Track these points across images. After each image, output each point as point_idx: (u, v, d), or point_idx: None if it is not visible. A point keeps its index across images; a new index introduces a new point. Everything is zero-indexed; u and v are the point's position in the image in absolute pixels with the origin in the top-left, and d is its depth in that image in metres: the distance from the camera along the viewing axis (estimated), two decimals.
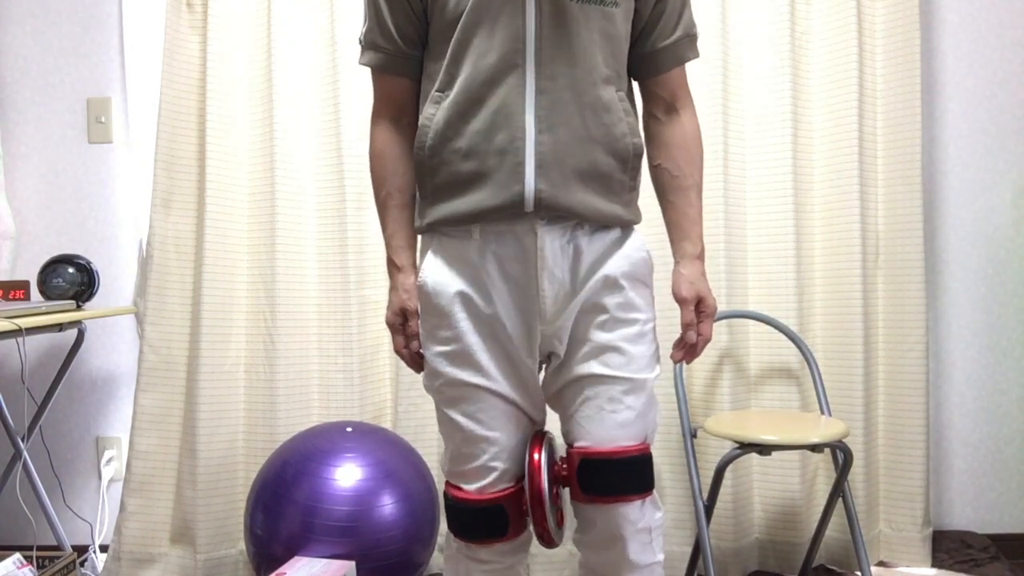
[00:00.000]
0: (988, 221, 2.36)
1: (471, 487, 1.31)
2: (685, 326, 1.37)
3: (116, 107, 2.47)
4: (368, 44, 1.37)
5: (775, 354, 2.23)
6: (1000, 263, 2.35)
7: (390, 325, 1.40)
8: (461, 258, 1.29)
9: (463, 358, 1.29)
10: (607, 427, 1.29)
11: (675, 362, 1.42)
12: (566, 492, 1.35)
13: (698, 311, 1.37)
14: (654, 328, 1.35)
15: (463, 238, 1.29)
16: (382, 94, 1.39)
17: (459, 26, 1.25)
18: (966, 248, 2.36)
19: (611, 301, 1.29)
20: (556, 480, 1.31)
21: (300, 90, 2.30)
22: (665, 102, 1.38)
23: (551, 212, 1.24)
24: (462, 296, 1.28)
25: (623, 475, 1.29)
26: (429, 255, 1.33)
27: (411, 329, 1.39)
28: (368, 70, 1.40)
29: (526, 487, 1.29)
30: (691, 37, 1.38)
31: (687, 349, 1.38)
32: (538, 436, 1.34)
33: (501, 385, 1.29)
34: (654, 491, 1.33)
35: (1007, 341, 2.35)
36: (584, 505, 1.31)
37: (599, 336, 1.29)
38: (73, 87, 2.48)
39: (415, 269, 1.38)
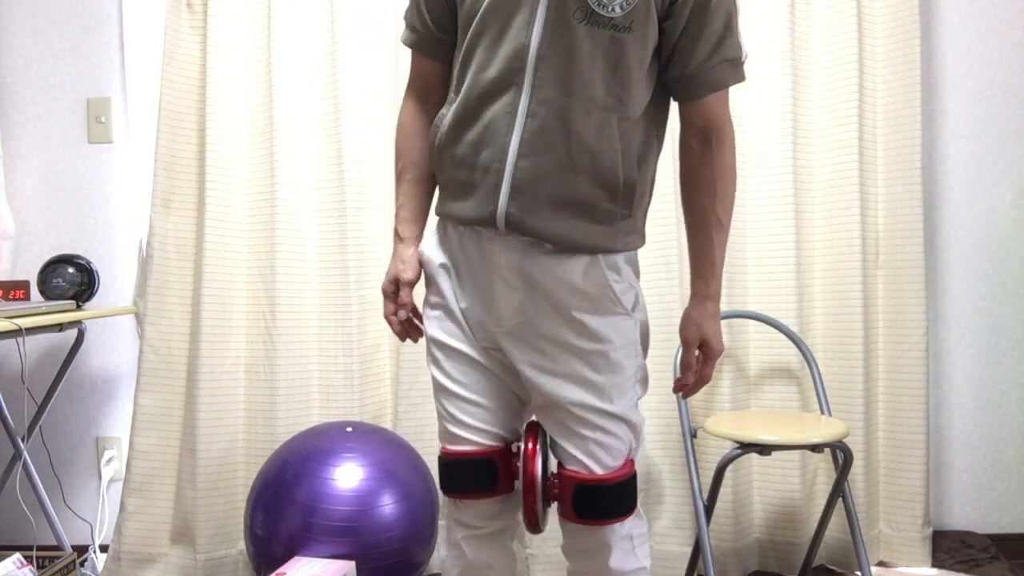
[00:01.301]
0: (988, 221, 2.36)
1: (459, 446, 1.36)
2: (684, 367, 1.38)
3: (116, 107, 2.47)
4: (407, 23, 1.41)
5: (775, 354, 2.23)
6: (1000, 263, 2.35)
7: (383, 291, 1.46)
8: (448, 240, 1.37)
9: (449, 322, 1.35)
10: (597, 457, 1.30)
11: (674, 392, 1.45)
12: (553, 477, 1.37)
13: (702, 352, 1.36)
14: (627, 351, 1.32)
15: (453, 225, 1.36)
16: (415, 72, 1.43)
17: (470, 31, 1.26)
18: (966, 248, 2.36)
19: (571, 329, 1.28)
20: (547, 488, 1.34)
21: (300, 90, 2.30)
22: (699, 130, 1.32)
23: (522, 234, 1.26)
24: (444, 268, 1.37)
25: (614, 500, 1.32)
26: (432, 233, 1.42)
27: (402, 299, 1.43)
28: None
29: (520, 472, 1.32)
30: (731, 62, 1.29)
31: (684, 387, 1.40)
32: (533, 426, 1.36)
33: (479, 353, 1.34)
34: (638, 505, 1.37)
35: (1007, 341, 2.35)
36: (574, 524, 1.33)
37: (567, 363, 1.29)
38: (73, 87, 2.48)
39: (416, 241, 1.44)
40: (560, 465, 1.34)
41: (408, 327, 1.46)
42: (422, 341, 1.46)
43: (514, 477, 1.35)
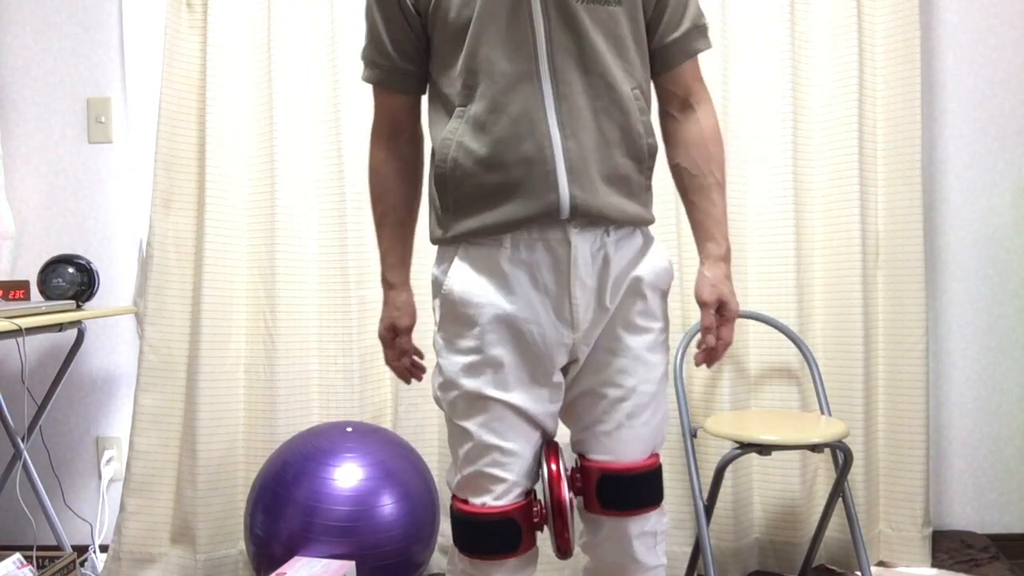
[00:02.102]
0: (988, 221, 2.36)
1: (481, 500, 1.27)
2: (704, 329, 1.34)
3: (116, 107, 2.47)
4: (367, 61, 1.37)
5: (775, 354, 2.23)
6: (1000, 263, 2.35)
7: (381, 339, 1.45)
8: (490, 268, 1.26)
9: (485, 369, 1.26)
10: (626, 442, 1.29)
11: (696, 365, 1.39)
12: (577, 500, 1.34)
13: (719, 314, 1.34)
14: (667, 337, 1.36)
15: (492, 247, 1.26)
16: (380, 110, 1.39)
17: (468, 37, 1.24)
18: (966, 248, 2.36)
19: (635, 308, 1.30)
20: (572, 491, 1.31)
21: (300, 90, 2.30)
22: (679, 98, 1.37)
23: (585, 217, 1.24)
24: (491, 306, 1.26)
25: (641, 490, 1.30)
26: (456, 263, 1.29)
27: (401, 345, 1.44)
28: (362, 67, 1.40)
29: (545, 498, 1.27)
30: (699, 28, 1.35)
31: (707, 353, 1.35)
32: (552, 446, 1.32)
33: (521, 399, 1.27)
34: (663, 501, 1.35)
35: (1007, 341, 2.35)
36: (598, 515, 1.31)
37: (621, 344, 1.29)
38: (73, 87, 2.48)
39: (406, 286, 1.43)
40: (583, 457, 1.33)
41: (412, 369, 1.48)
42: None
43: (536, 529, 1.30)
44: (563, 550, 1.28)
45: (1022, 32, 2.35)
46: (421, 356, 1.49)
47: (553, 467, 1.27)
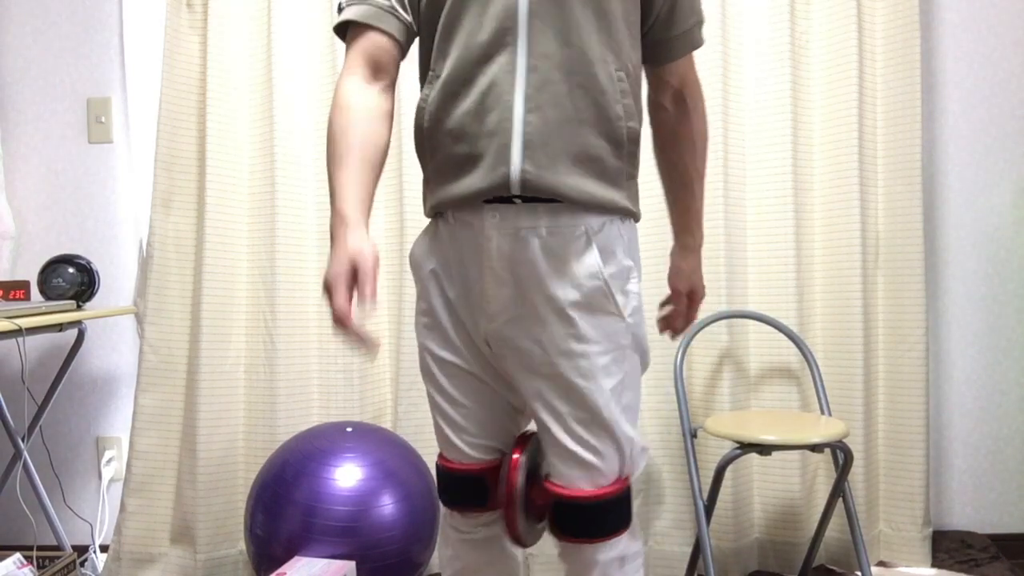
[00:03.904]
0: (988, 221, 2.36)
1: (451, 455, 1.33)
2: (675, 314, 1.48)
3: (116, 107, 2.47)
4: (354, 0, 1.26)
5: (775, 354, 2.23)
6: (1000, 263, 2.35)
7: (331, 281, 1.15)
8: (438, 238, 1.29)
9: (436, 331, 1.30)
10: (576, 469, 1.22)
11: (660, 332, 1.51)
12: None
13: (689, 300, 1.47)
14: (618, 357, 1.23)
15: (443, 220, 1.28)
16: (360, 51, 1.25)
17: (449, 2, 1.21)
18: (966, 248, 2.36)
19: (562, 332, 1.20)
20: (530, 500, 1.29)
21: (300, 90, 2.30)
22: (674, 89, 1.35)
23: (538, 193, 1.17)
24: (433, 273, 1.30)
25: (597, 520, 1.23)
26: (422, 231, 1.35)
27: (364, 284, 1.15)
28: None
29: (501, 484, 1.30)
30: (701, 23, 1.35)
31: (669, 327, 1.49)
32: (522, 437, 1.32)
33: (470, 363, 1.29)
34: (632, 523, 1.28)
35: (1007, 341, 2.35)
36: (557, 539, 1.29)
37: (552, 367, 1.21)
38: (73, 87, 2.48)
39: (366, 225, 1.19)
40: (546, 476, 1.27)
41: (364, 334, 1.18)
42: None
43: None
44: (513, 538, 1.30)
45: (1022, 32, 2.35)
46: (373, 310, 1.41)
47: (515, 456, 1.28)
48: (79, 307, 2.19)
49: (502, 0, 1.18)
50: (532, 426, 1.34)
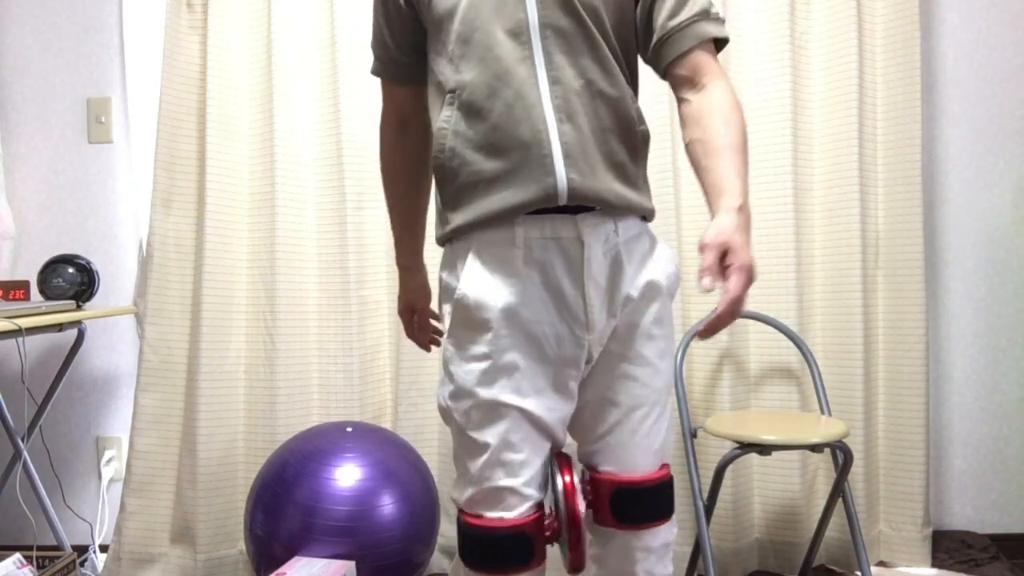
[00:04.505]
0: (988, 221, 2.36)
1: (494, 514, 1.22)
2: (701, 271, 1.08)
3: (116, 107, 2.47)
4: (374, 52, 1.43)
5: (775, 354, 2.23)
6: (1000, 263, 2.35)
7: (401, 316, 1.59)
8: (504, 270, 1.21)
9: (499, 375, 1.20)
10: (639, 453, 1.27)
11: (701, 338, 1.17)
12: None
13: (725, 264, 1.09)
14: (674, 347, 1.34)
15: (505, 247, 1.21)
16: (388, 101, 1.45)
17: (457, 20, 1.22)
18: (966, 248, 2.36)
19: (649, 314, 1.27)
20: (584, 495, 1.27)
21: (300, 90, 2.30)
22: (689, 80, 1.24)
23: (584, 201, 1.20)
24: (507, 310, 1.20)
25: (655, 503, 1.28)
26: (469, 263, 1.23)
27: (420, 322, 1.58)
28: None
29: (560, 511, 1.22)
30: (710, 15, 1.25)
31: (710, 325, 1.11)
32: (564, 457, 1.27)
33: (535, 406, 1.21)
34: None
35: (1007, 341, 2.35)
36: (611, 528, 1.28)
37: (633, 350, 1.27)
38: (73, 87, 2.48)
39: (421, 269, 1.55)
40: (593, 469, 1.29)
41: (433, 337, 1.61)
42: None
43: (547, 543, 1.25)
44: (577, 565, 1.23)
45: (1022, 32, 2.35)
46: (439, 332, 1.61)
47: (567, 479, 1.22)
48: (79, 307, 2.19)
49: (512, 15, 1.20)
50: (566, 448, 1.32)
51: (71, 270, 2.20)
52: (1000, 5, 2.34)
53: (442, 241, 1.31)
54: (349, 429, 2.03)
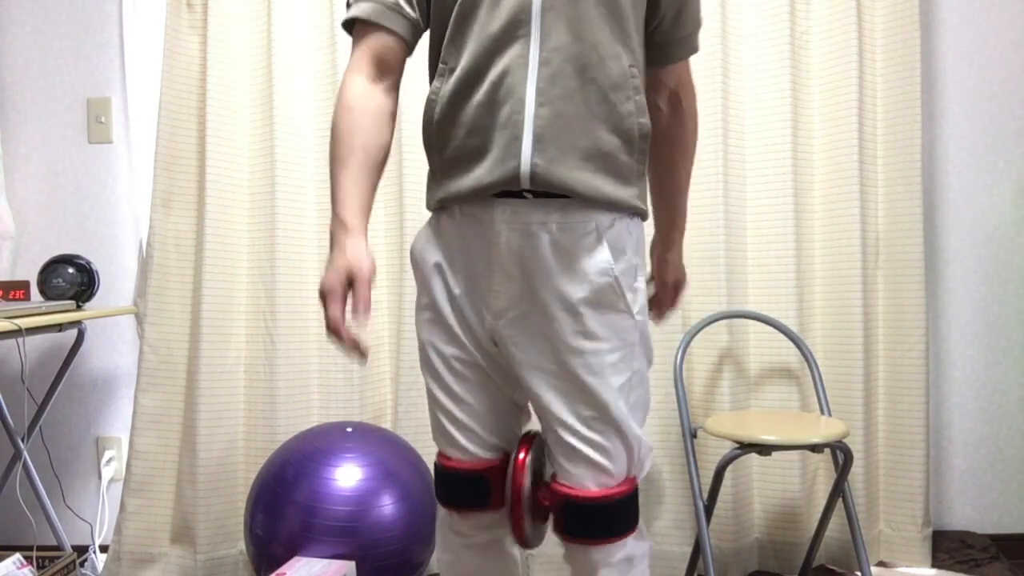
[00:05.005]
0: (988, 221, 2.36)
1: (452, 453, 1.31)
2: (658, 302, 1.56)
3: (116, 107, 2.47)
4: None
5: (775, 354, 2.23)
6: (1000, 263, 2.35)
7: (327, 290, 1.17)
8: (442, 233, 1.28)
9: (439, 326, 1.28)
10: (584, 468, 1.21)
11: (653, 320, 1.55)
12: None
13: (674, 289, 1.55)
14: (627, 355, 1.23)
15: (449, 215, 1.27)
16: (366, 49, 1.25)
17: None
18: (966, 248, 2.36)
19: (570, 328, 1.20)
20: (537, 501, 1.28)
21: (300, 90, 2.30)
22: (670, 91, 1.38)
23: (547, 188, 1.17)
24: (437, 267, 1.28)
25: (604, 520, 1.22)
26: (424, 225, 1.33)
27: (358, 294, 1.16)
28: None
29: (507, 485, 1.26)
30: (700, 27, 1.39)
31: (658, 315, 1.57)
32: (527, 437, 1.30)
33: (473, 357, 1.27)
34: (639, 525, 1.27)
35: (1007, 341, 2.35)
36: (565, 542, 1.28)
37: (561, 364, 1.20)
38: (73, 87, 2.48)
39: (365, 233, 1.22)
40: (553, 477, 1.27)
41: (357, 342, 1.19)
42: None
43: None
44: (520, 540, 1.27)
45: (1022, 32, 2.35)
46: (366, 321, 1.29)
47: (520, 456, 1.26)
48: (79, 307, 2.19)
49: None
50: (535, 425, 1.33)
51: (71, 270, 2.20)
52: (1000, 5, 2.34)
53: (430, 208, 1.33)
54: (349, 429, 2.03)
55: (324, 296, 1.17)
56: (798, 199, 2.22)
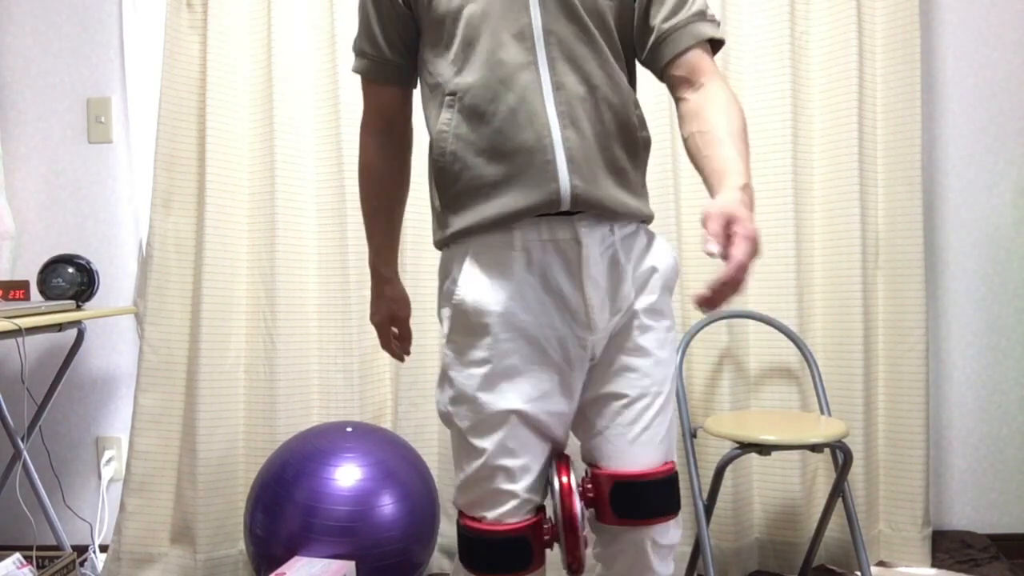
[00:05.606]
0: (988, 221, 2.36)
1: (492, 516, 1.22)
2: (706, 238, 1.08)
3: (116, 107, 2.47)
4: (357, 51, 1.37)
5: (775, 354, 2.23)
6: (1000, 263, 2.35)
7: (377, 327, 1.51)
8: (502, 273, 1.21)
9: (499, 380, 1.20)
10: (641, 446, 1.24)
11: (698, 305, 1.04)
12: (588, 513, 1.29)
13: (729, 234, 1.06)
14: (673, 336, 1.32)
15: (503, 250, 1.21)
16: (371, 104, 1.40)
17: (462, 23, 1.21)
18: (966, 248, 2.36)
19: (644, 305, 1.27)
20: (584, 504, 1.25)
21: (300, 90, 2.30)
22: (687, 80, 1.24)
23: (586, 208, 1.20)
24: (506, 314, 1.20)
25: (657, 497, 1.25)
26: (466, 270, 1.23)
27: (402, 333, 1.53)
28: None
29: (556, 513, 1.20)
30: (707, 16, 1.26)
31: (713, 294, 1.02)
32: (562, 459, 1.26)
33: (537, 409, 1.21)
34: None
35: (1007, 341, 2.35)
36: (612, 526, 1.26)
37: (632, 342, 1.26)
38: (73, 87, 2.48)
39: (398, 277, 1.51)
40: (594, 466, 1.27)
41: (405, 348, 1.56)
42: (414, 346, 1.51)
43: (546, 547, 1.24)
44: (575, 568, 1.21)
45: (1022, 32, 2.35)
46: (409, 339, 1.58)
47: (564, 480, 1.21)
48: (79, 307, 2.19)
49: (517, 19, 1.20)
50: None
51: (71, 270, 2.20)
52: (1000, 5, 2.34)
53: (440, 245, 1.31)
54: (349, 429, 2.03)
55: (376, 328, 1.52)
56: (798, 199, 2.22)
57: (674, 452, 1.31)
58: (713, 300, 1.02)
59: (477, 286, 1.22)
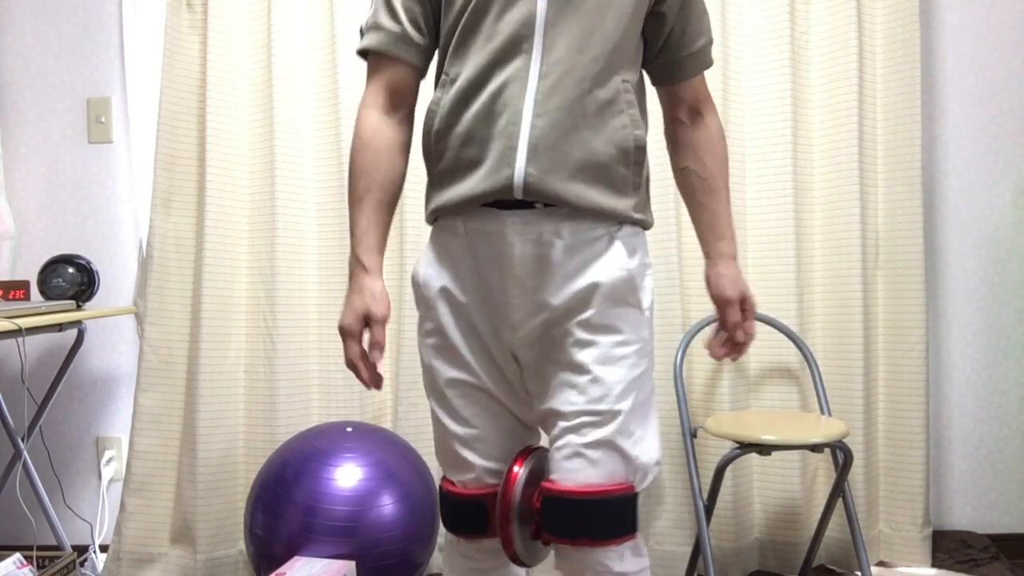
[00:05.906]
0: (988, 221, 2.36)
1: (457, 480, 1.30)
2: (732, 326, 1.35)
3: (116, 107, 2.48)
4: (371, 27, 1.30)
5: (775, 354, 2.23)
6: (1000, 263, 2.35)
7: (346, 331, 1.25)
8: (448, 253, 1.27)
9: (446, 351, 1.27)
10: (574, 463, 1.18)
11: (718, 359, 1.36)
12: None
13: (743, 309, 1.36)
14: (641, 350, 1.23)
15: (452, 233, 1.26)
16: (379, 81, 1.30)
17: (470, 7, 1.22)
18: (966, 248, 2.36)
19: (581, 319, 1.20)
20: (530, 506, 1.23)
21: (300, 90, 2.30)
22: (689, 106, 1.36)
23: (540, 199, 1.18)
24: (444, 290, 1.26)
25: (584, 517, 1.17)
26: (427, 246, 1.31)
27: (376, 338, 1.25)
28: (363, 67, 1.35)
29: (497, 499, 1.22)
30: (711, 42, 1.37)
31: (734, 347, 1.36)
32: (525, 450, 1.27)
33: (483, 380, 1.26)
34: (636, 537, 1.21)
35: (1007, 341, 2.35)
36: (555, 543, 1.22)
37: (566, 357, 1.21)
38: (73, 87, 2.48)
39: (381, 274, 1.29)
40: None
41: (374, 371, 1.28)
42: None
43: None
44: (510, 557, 1.23)
45: (1022, 32, 2.35)
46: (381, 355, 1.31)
47: (515, 469, 1.22)
48: (79, 307, 2.19)
49: (521, 9, 1.20)
50: (542, 441, 1.31)
51: (71, 270, 2.20)
52: (1000, 5, 2.35)
53: (427, 222, 1.34)
54: (349, 429, 2.03)
55: (343, 334, 1.27)
56: (798, 199, 2.22)
57: (639, 474, 1.21)
58: (725, 355, 1.35)
59: (427, 263, 1.30)
